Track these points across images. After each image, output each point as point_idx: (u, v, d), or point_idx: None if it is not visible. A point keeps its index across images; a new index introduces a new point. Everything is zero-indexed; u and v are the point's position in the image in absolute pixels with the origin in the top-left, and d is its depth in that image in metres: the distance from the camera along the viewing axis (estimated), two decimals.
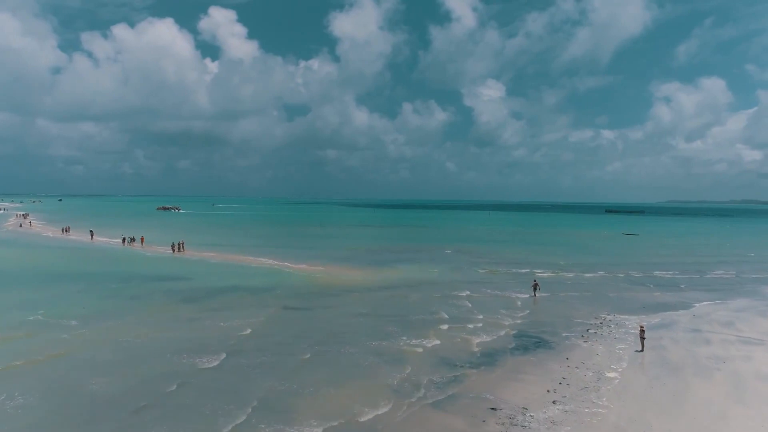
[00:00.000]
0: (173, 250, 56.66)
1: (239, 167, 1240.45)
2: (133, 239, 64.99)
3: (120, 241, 65.75)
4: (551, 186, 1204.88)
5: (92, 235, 72.27)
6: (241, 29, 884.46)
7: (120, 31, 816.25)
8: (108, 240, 69.57)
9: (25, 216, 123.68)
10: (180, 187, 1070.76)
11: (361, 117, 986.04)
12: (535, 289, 36.33)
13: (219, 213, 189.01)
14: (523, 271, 47.61)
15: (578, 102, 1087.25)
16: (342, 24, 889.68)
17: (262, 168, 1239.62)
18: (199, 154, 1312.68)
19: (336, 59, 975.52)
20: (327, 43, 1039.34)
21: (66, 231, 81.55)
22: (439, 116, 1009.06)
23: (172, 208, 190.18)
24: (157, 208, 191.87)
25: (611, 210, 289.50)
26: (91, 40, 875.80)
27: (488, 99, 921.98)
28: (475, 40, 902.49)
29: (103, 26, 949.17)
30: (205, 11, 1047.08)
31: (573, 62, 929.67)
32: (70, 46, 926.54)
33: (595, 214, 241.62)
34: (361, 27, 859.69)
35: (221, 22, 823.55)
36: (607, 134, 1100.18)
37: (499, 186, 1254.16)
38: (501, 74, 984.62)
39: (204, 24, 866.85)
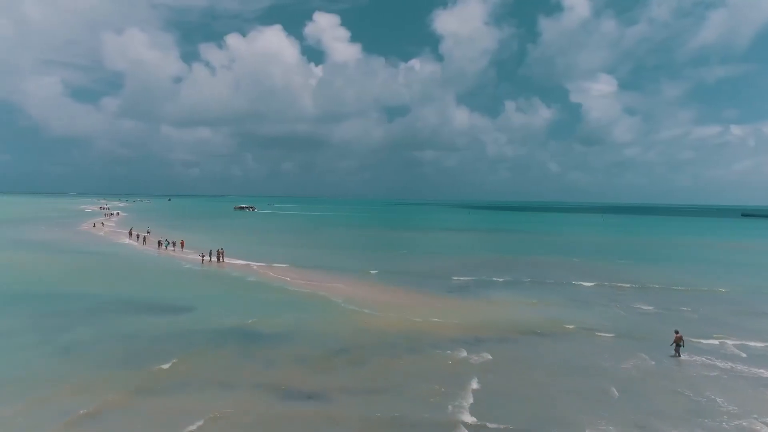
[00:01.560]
0: (203, 260, 45.19)
1: (338, 169, 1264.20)
2: (173, 243, 55.05)
3: (155, 245, 56.63)
4: (665, 187, 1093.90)
5: (144, 240, 63.58)
6: (344, 33, 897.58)
7: (233, 40, 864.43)
8: (145, 246, 60.33)
9: (110, 215, 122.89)
10: (283, 188, 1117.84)
11: (461, 116, 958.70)
12: (678, 347, 21.14)
13: (299, 214, 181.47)
14: (687, 311, 29.78)
15: (704, 94, 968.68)
16: (445, 21, 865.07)
17: (360, 170, 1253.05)
18: (302, 157, 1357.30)
19: (439, 58, 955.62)
20: (430, 42, 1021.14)
21: (131, 234, 74.76)
22: (544, 114, 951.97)
23: (247, 208, 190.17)
24: (235, 208, 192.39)
25: (749, 214, 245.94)
26: (208, 50, 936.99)
27: (598, 94, 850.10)
28: (588, 30, 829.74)
29: (218, 37, 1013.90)
30: (309, 17, 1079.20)
31: (702, 50, 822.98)
32: (190, 56, 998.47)
33: (730, 218, 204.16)
34: (465, 23, 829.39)
35: (325, 27, 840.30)
36: (737, 130, 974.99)
37: (606, 187, 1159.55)
38: (616, 67, 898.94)
39: (309, 29, 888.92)
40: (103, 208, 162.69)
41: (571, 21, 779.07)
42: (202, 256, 45.71)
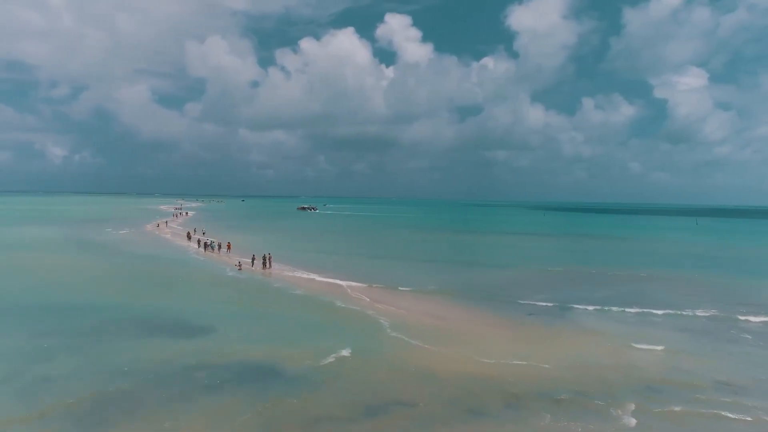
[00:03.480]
0: (240, 267, 40.88)
1: (409, 169, 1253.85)
2: (219, 245, 51.69)
3: (202, 247, 54.21)
4: (762, 187, 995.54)
5: (198, 242, 60.93)
6: (416, 33, 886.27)
7: (307, 44, 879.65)
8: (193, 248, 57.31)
9: (178, 215, 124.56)
10: (354, 189, 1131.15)
11: (535, 115, 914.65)
12: None
13: (359, 215, 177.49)
14: None
15: None
16: (520, 17, 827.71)
17: (430, 170, 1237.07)
18: (373, 157, 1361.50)
19: (513, 55, 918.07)
20: (504, 40, 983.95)
21: (188, 235, 73.01)
22: (625, 111, 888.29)
23: (309, 208, 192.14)
24: (297, 208, 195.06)
25: None
26: (284, 55, 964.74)
27: (687, 89, 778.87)
28: (678, 20, 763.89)
29: (293, 42, 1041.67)
30: (381, 19, 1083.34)
31: None
32: (266, 61, 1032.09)
33: None
34: (542, 18, 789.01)
35: (397, 28, 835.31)
36: None
37: (694, 187, 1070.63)
38: (708, 59, 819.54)
39: (381, 31, 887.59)
40: (177, 209, 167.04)
41: (659, 11, 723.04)
42: (239, 264, 41.46)
